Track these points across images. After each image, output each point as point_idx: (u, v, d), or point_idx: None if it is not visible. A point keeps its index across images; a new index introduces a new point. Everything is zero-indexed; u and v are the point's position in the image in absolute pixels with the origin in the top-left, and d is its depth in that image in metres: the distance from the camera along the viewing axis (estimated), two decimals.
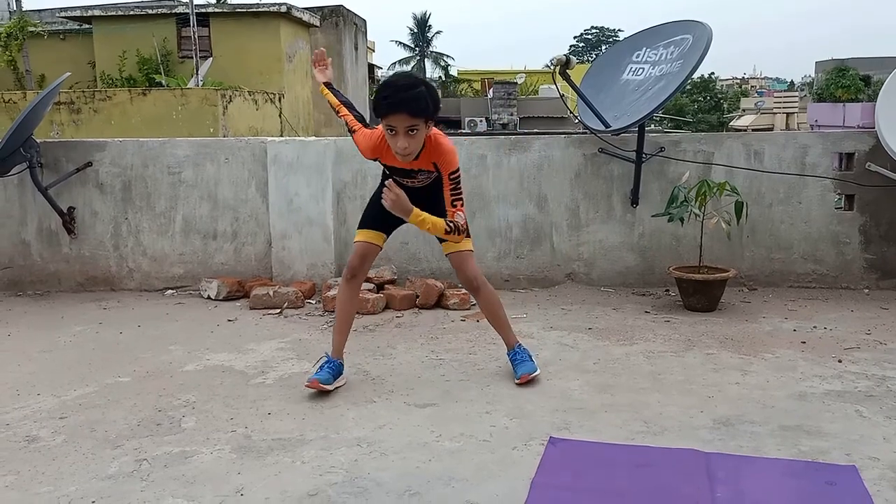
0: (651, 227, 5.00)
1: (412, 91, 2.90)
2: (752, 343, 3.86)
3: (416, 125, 2.92)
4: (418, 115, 2.91)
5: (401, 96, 2.88)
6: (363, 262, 3.34)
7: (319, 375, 3.22)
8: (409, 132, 2.93)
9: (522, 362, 3.37)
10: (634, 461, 2.62)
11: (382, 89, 2.95)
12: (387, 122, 2.95)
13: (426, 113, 2.93)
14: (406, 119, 2.90)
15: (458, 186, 3.11)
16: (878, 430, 2.81)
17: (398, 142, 2.95)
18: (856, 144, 4.90)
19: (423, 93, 2.91)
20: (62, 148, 5.33)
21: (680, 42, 4.82)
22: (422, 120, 2.93)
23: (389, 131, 2.97)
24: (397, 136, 2.95)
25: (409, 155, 3.01)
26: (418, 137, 2.96)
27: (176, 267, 5.26)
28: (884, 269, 4.92)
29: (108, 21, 18.94)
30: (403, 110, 2.89)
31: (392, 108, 2.90)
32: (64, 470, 2.60)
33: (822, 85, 32.47)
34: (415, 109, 2.89)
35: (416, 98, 2.89)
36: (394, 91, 2.90)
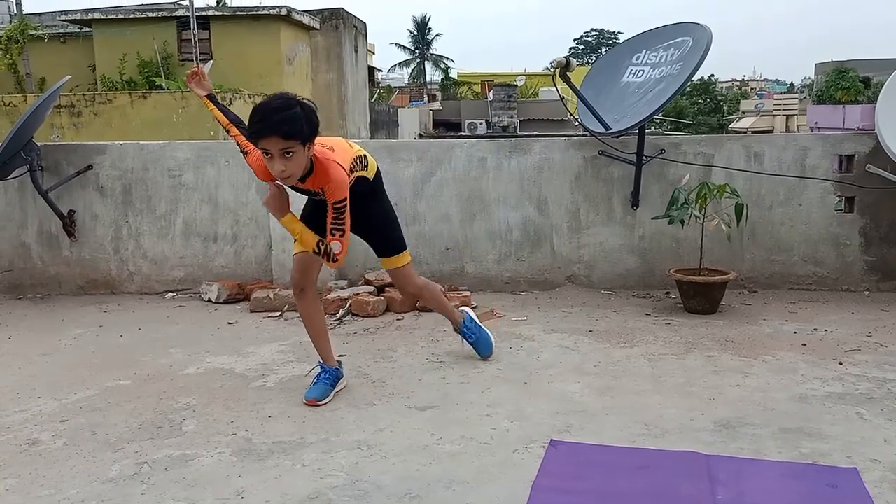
0: (651, 229, 5.00)
1: (285, 112, 2.78)
2: (753, 345, 3.85)
3: (290, 148, 2.79)
4: (292, 137, 2.77)
5: (273, 119, 2.76)
6: (305, 273, 3.26)
7: (315, 393, 3.18)
8: (284, 155, 2.80)
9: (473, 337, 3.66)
10: (635, 463, 2.62)
11: (255, 112, 2.82)
12: (261, 146, 2.82)
13: (300, 135, 2.79)
14: (279, 142, 2.77)
15: (340, 216, 2.96)
16: (878, 432, 2.81)
17: (275, 165, 2.82)
18: (856, 146, 4.90)
19: (297, 114, 2.79)
20: (62, 151, 5.33)
21: (680, 44, 4.82)
22: (297, 142, 2.79)
23: (265, 155, 2.84)
24: (273, 159, 2.82)
25: (289, 178, 2.89)
26: (296, 160, 2.83)
27: (176, 270, 5.26)
28: (884, 271, 4.92)
29: (108, 24, 18.95)
30: (275, 133, 2.76)
31: (264, 132, 2.78)
32: (65, 473, 2.60)
33: (822, 87, 32.48)
34: (287, 132, 2.76)
35: (288, 120, 2.77)
36: (266, 114, 2.78)
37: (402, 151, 5.19)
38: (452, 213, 5.14)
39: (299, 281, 3.29)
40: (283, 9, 18.50)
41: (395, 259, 3.39)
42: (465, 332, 3.67)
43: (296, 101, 2.85)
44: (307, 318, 3.33)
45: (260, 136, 2.81)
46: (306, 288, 3.29)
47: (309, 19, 20.08)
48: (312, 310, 3.34)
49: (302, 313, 3.34)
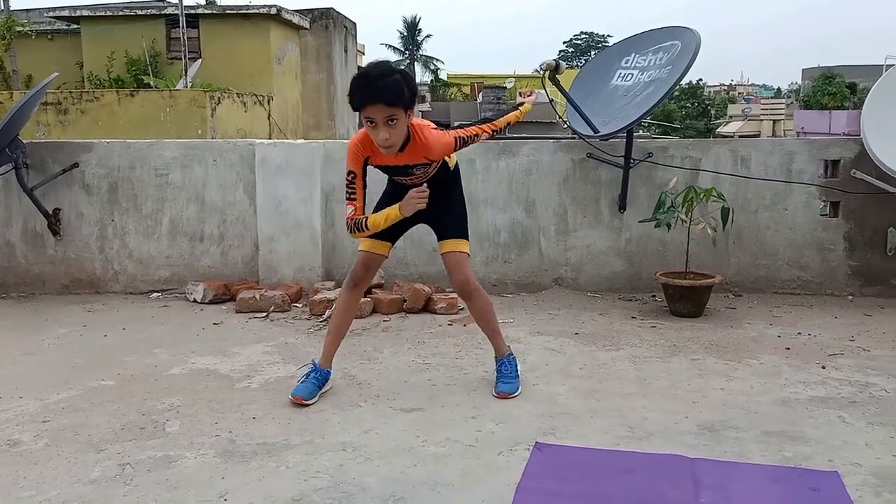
0: (638, 232, 5.02)
1: (387, 79, 2.82)
2: (737, 349, 3.87)
3: (394, 115, 2.85)
4: (395, 103, 2.83)
5: (376, 85, 2.81)
6: (367, 270, 3.30)
7: (302, 391, 3.17)
8: (388, 122, 2.86)
9: (507, 379, 3.30)
10: (620, 466, 2.63)
11: (357, 80, 2.87)
12: (365, 115, 2.87)
13: (402, 101, 2.84)
14: (383, 109, 2.82)
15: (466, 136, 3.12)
16: (860, 436, 2.83)
17: (379, 133, 2.87)
18: (841, 152, 4.94)
19: (398, 80, 2.83)
20: (48, 149, 5.29)
21: (669, 48, 4.84)
22: (400, 108, 2.85)
23: (369, 123, 2.89)
24: (377, 127, 2.87)
25: (392, 146, 2.94)
26: (399, 127, 2.89)
27: (162, 269, 5.24)
28: (868, 276, 4.96)
29: (96, 21, 18.82)
30: (380, 100, 2.81)
31: (368, 99, 2.82)
32: (46, 474, 2.58)
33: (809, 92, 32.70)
34: (391, 98, 2.81)
35: (391, 86, 2.81)
36: (368, 81, 2.83)
37: None
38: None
39: (360, 276, 3.29)
40: (273, 8, 18.44)
41: (461, 242, 3.29)
42: (502, 364, 3.36)
43: (395, 69, 2.92)
44: (341, 311, 3.34)
45: (364, 104, 2.84)
46: (361, 284, 3.33)
47: (299, 19, 20.02)
48: (351, 306, 3.37)
49: (341, 305, 3.34)
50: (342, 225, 5.15)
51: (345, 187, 3.12)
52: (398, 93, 2.82)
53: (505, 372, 3.34)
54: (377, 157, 3.07)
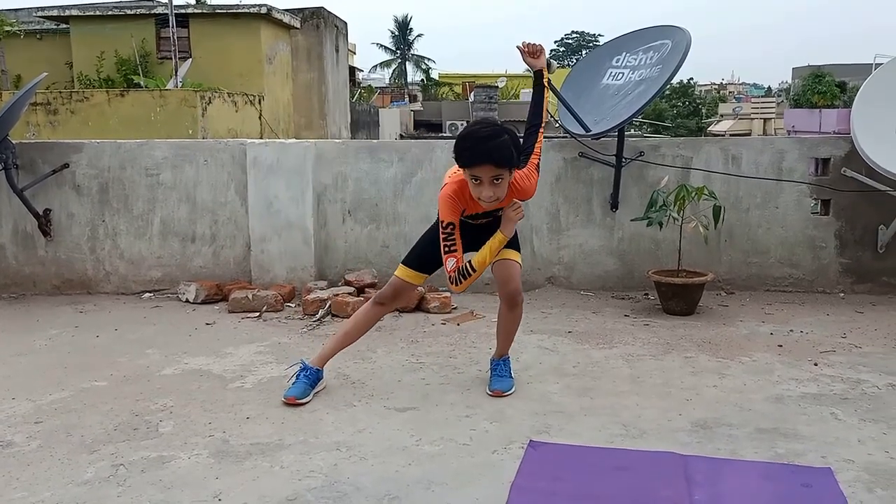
0: (630, 231, 5.03)
1: (496, 140, 2.85)
2: (730, 346, 3.89)
3: (501, 174, 2.89)
4: (503, 164, 2.87)
5: (486, 146, 2.84)
6: (396, 297, 3.35)
7: (295, 391, 3.17)
8: (494, 181, 2.89)
9: (501, 377, 3.33)
10: (613, 464, 2.63)
11: (466, 139, 2.90)
12: (472, 173, 2.90)
13: (510, 163, 2.89)
14: (491, 169, 2.86)
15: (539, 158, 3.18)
16: (852, 432, 2.84)
17: (483, 191, 2.91)
18: (831, 150, 4.96)
19: (506, 142, 2.86)
20: (38, 149, 5.26)
21: (659, 47, 4.86)
22: (507, 169, 2.90)
23: (473, 180, 2.92)
24: (481, 185, 2.90)
25: (496, 202, 2.99)
26: (503, 185, 2.93)
27: (154, 270, 5.22)
28: (859, 274, 4.99)
29: (85, 21, 18.74)
30: (489, 161, 2.85)
31: (477, 159, 2.86)
32: (39, 475, 2.56)
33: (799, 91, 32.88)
34: (499, 159, 2.85)
35: (499, 147, 2.85)
36: (478, 141, 2.86)
37: (382, 152, 5.18)
38: (433, 213, 5.11)
39: (388, 298, 3.31)
40: (264, 7, 18.40)
41: (516, 253, 3.30)
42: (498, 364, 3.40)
43: (503, 129, 2.92)
44: (359, 323, 3.34)
45: (473, 163, 2.87)
46: (387, 305, 3.36)
47: (289, 18, 19.99)
48: (372, 321, 3.37)
49: (361, 316, 3.34)
50: (334, 224, 5.15)
51: (442, 240, 3.05)
52: (507, 154, 2.87)
53: (500, 371, 3.35)
54: (472, 208, 3.09)
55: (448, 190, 3.06)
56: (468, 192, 3.01)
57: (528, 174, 3.08)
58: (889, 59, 5.12)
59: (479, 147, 2.85)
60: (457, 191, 3.04)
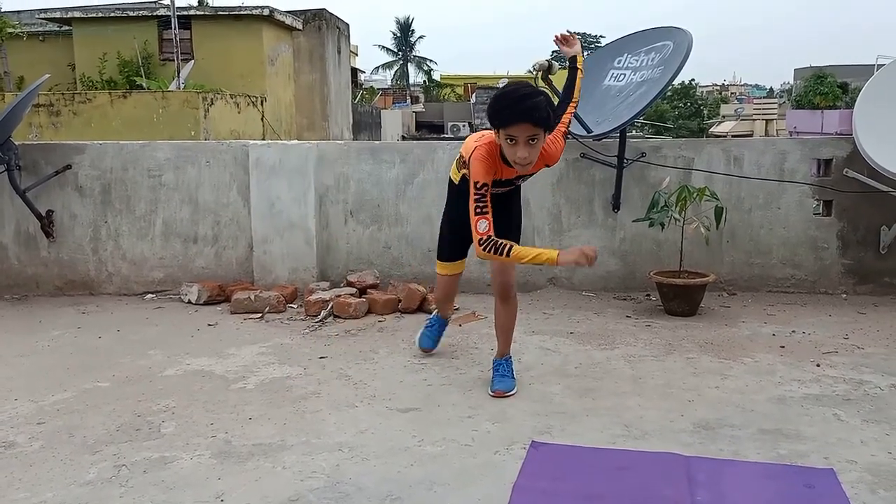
0: (632, 231, 5.03)
1: (534, 100, 2.84)
2: (732, 347, 3.89)
3: (536, 135, 2.87)
4: (540, 124, 2.85)
5: (524, 105, 2.82)
6: (449, 294, 3.66)
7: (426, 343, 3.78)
8: (529, 141, 2.87)
9: (503, 377, 3.33)
10: (615, 464, 2.63)
11: (502, 99, 2.88)
12: (507, 133, 2.87)
13: (546, 123, 2.88)
14: (529, 128, 2.84)
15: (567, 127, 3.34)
16: (855, 433, 2.84)
17: (518, 151, 2.88)
18: (833, 151, 4.96)
19: (542, 102, 2.85)
20: (41, 150, 5.27)
21: (661, 48, 4.85)
22: (542, 129, 2.89)
23: (509, 141, 2.89)
24: (517, 146, 2.88)
25: (529, 165, 2.96)
26: (537, 147, 2.92)
27: (156, 271, 5.22)
28: (861, 274, 4.98)
29: (88, 23, 18.78)
30: (528, 120, 2.83)
31: (516, 117, 2.83)
32: (41, 476, 2.57)
33: (801, 92, 32.84)
34: (537, 119, 2.84)
35: (538, 107, 2.83)
36: (516, 100, 2.84)
37: (385, 153, 5.19)
38: (435, 214, 5.13)
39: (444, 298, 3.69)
40: (266, 9, 18.43)
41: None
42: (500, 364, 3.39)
43: (539, 90, 2.94)
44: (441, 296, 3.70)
45: (511, 122, 2.85)
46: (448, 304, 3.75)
47: (291, 20, 20.01)
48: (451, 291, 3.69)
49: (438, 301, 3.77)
50: (336, 225, 5.16)
51: (475, 201, 2.96)
52: (545, 114, 2.86)
53: (502, 371, 3.36)
54: (502, 172, 3.07)
55: (482, 150, 3.02)
56: (499, 155, 3.01)
57: (555, 138, 3.13)
58: (891, 61, 5.12)
59: (517, 106, 2.83)
60: (490, 151, 3.02)
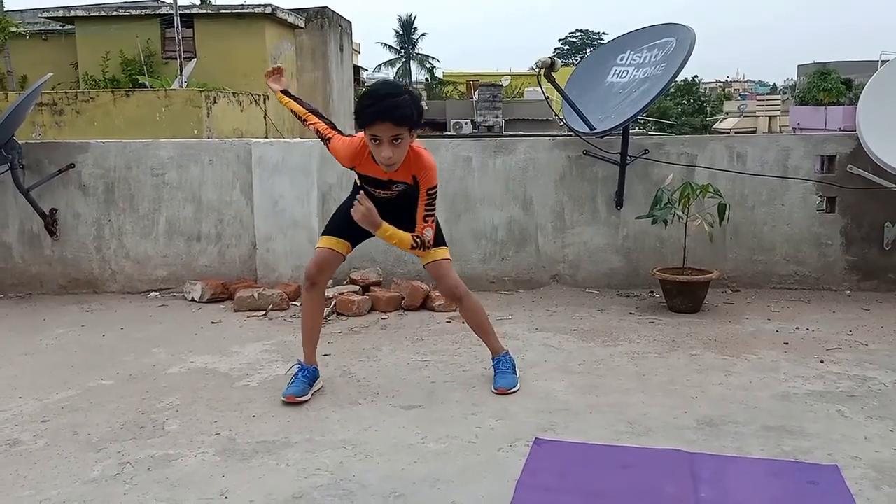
0: (635, 228, 5.02)
1: (396, 99, 2.85)
2: (736, 344, 3.88)
3: (400, 134, 2.88)
4: (403, 123, 2.86)
5: (385, 104, 2.83)
6: (321, 270, 3.25)
7: (294, 390, 3.17)
8: (393, 141, 2.88)
9: (504, 373, 3.31)
10: (619, 462, 2.63)
11: (366, 97, 2.90)
12: (371, 132, 2.89)
13: (410, 121, 2.88)
14: (390, 128, 2.85)
15: (433, 202, 3.11)
16: (859, 430, 2.84)
17: (382, 151, 2.89)
18: (837, 147, 4.95)
19: (407, 100, 2.86)
20: (44, 149, 5.28)
21: (664, 45, 4.85)
22: (406, 128, 2.89)
23: (373, 140, 2.90)
24: (381, 145, 2.89)
25: (394, 165, 2.96)
26: (403, 146, 2.92)
27: (159, 269, 5.23)
28: (865, 271, 4.97)
29: (90, 22, 18.81)
30: (388, 119, 2.83)
31: (376, 117, 2.84)
32: (46, 473, 2.58)
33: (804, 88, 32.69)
34: (399, 118, 2.84)
35: (399, 105, 2.84)
36: (378, 99, 2.85)
37: None
38: (437, 212, 5.12)
39: (315, 276, 3.25)
40: (268, 7, 18.44)
41: (441, 251, 3.28)
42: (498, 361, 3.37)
43: (404, 89, 2.94)
44: (308, 312, 3.32)
45: (372, 121, 2.85)
46: (319, 283, 3.28)
47: (294, 18, 20.02)
48: (316, 305, 3.32)
49: (305, 306, 3.33)
50: None
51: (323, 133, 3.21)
52: (407, 113, 2.85)
53: (503, 368, 3.34)
54: (364, 166, 3.10)
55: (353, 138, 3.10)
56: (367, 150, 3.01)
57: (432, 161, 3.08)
58: (895, 57, 5.10)
59: (378, 105, 2.83)
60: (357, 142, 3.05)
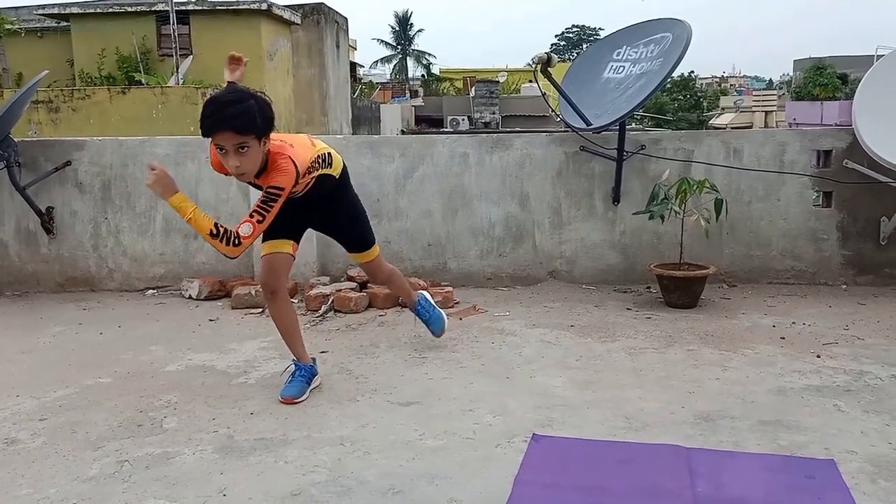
0: (632, 224, 5.03)
1: (238, 106, 2.69)
2: (732, 339, 3.89)
3: (244, 143, 2.71)
4: (245, 131, 2.69)
5: (226, 112, 2.68)
6: (275, 275, 3.16)
7: (291, 391, 3.14)
8: (238, 150, 2.72)
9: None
10: (616, 457, 2.64)
11: (206, 106, 2.73)
12: (214, 141, 2.75)
13: (254, 129, 2.71)
14: (233, 137, 2.69)
15: (269, 203, 2.83)
16: (855, 424, 2.85)
17: (229, 160, 2.75)
18: (833, 142, 4.95)
19: (250, 107, 2.70)
20: (40, 147, 5.27)
21: (660, 40, 4.85)
22: (251, 136, 2.71)
23: (220, 150, 2.76)
24: (227, 154, 2.74)
25: (244, 175, 2.82)
26: (251, 155, 2.75)
27: (157, 267, 5.23)
28: (861, 266, 4.98)
29: (86, 19, 18.76)
30: (227, 128, 2.68)
31: (217, 126, 2.70)
32: (44, 472, 2.58)
33: (800, 83, 32.75)
34: (240, 126, 2.68)
35: (241, 113, 2.68)
36: (218, 107, 2.70)
37: (384, 147, 5.18)
38: (434, 208, 5.14)
39: (271, 283, 3.17)
40: (264, 3, 18.40)
41: (367, 253, 3.41)
42: (419, 310, 3.76)
43: (249, 94, 2.77)
44: (278, 319, 3.26)
45: (213, 131, 2.72)
46: (277, 290, 3.18)
47: (290, 14, 19.98)
48: (283, 310, 3.24)
49: (273, 314, 3.27)
50: None
51: None
52: (249, 120, 2.70)
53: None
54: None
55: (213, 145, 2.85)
56: None
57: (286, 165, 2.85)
58: (891, 51, 5.11)
59: (219, 114, 2.69)
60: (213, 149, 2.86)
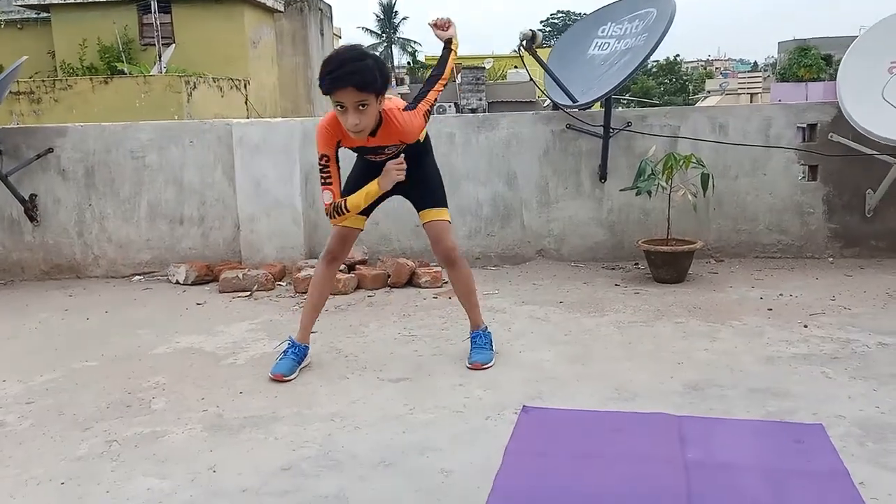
0: (620, 201, 5.03)
1: (358, 63, 2.75)
2: (720, 311, 3.90)
3: (364, 100, 2.78)
4: (366, 88, 2.76)
5: (346, 69, 2.73)
6: (344, 245, 3.28)
7: (282, 368, 3.15)
8: (359, 107, 2.79)
9: (481, 349, 3.29)
10: (607, 426, 2.65)
11: (327, 64, 2.79)
12: (334, 99, 2.80)
13: (374, 86, 2.78)
14: (354, 94, 2.76)
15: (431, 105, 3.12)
16: (843, 389, 2.87)
17: (348, 118, 2.81)
18: (818, 116, 4.96)
19: (370, 65, 2.76)
20: (22, 134, 5.22)
21: (644, 16, 4.84)
22: (371, 93, 2.79)
23: (338, 108, 2.82)
24: (346, 112, 2.81)
25: (362, 132, 2.88)
26: (369, 112, 2.83)
27: (143, 253, 5.19)
28: (847, 238, 5.01)
29: (66, 9, 18.54)
30: (350, 84, 2.74)
31: (338, 83, 2.75)
32: (32, 453, 2.56)
33: (785, 65, 32.87)
34: (362, 83, 2.75)
35: (362, 70, 2.74)
36: (339, 65, 2.75)
37: None
38: None
39: (337, 250, 3.27)
40: None
41: (442, 211, 3.27)
42: (480, 334, 3.35)
43: (367, 53, 2.85)
44: (317, 285, 3.29)
45: (334, 88, 2.77)
46: (339, 258, 3.31)
47: (273, 2, 19.81)
48: (329, 280, 3.33)
49: (318, 279, 3.29)
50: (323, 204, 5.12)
51: (319, 172, 3.05)
52: (370, 78, 2.76)
53: (479, 343, 3.31)
54: (348, 139, 3.01)
55: (322, 122, 3.02)
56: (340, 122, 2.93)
57: (413, 116, 3.02)
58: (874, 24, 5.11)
59: (339, 70, 2.74)
60: (331, 121, 2.98)
